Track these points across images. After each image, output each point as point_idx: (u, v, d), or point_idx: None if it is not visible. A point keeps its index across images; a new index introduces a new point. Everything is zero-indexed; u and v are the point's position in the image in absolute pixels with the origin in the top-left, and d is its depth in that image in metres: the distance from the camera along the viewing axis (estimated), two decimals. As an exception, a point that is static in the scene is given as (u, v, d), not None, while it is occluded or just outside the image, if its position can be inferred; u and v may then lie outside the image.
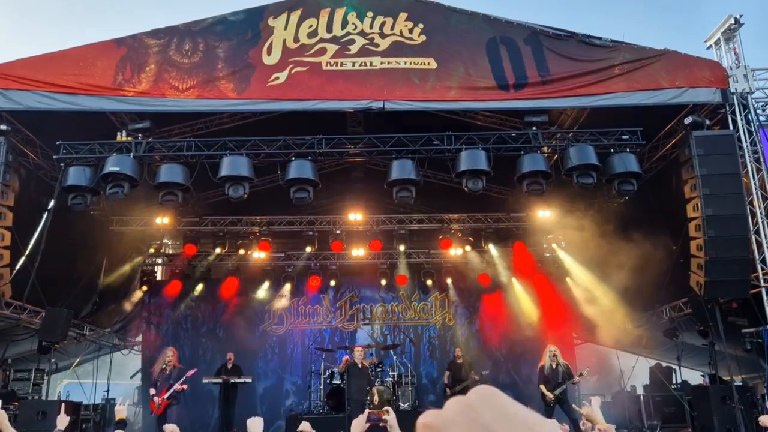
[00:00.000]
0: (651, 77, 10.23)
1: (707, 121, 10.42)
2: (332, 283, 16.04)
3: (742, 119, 10.33)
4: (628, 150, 10.21)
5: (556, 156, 10.80)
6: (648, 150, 11.59)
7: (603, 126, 10.44)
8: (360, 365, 11.27)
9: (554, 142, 10.62)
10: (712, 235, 9.83)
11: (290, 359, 15.83)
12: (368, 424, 4.08)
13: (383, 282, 16.03)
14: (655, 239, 11.52)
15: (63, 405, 10.83)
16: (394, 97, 10.06)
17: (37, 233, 11.86)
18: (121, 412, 5.14)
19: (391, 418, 3.92)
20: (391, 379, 13.50)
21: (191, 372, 10.85)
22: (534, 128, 10.35)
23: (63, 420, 5.16)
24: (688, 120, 10.28)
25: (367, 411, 4.19)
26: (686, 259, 11.06)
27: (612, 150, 10.22)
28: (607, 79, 10.21)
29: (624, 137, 10.27)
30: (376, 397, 10.98)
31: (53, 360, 12.11)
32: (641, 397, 14.81)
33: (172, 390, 10.33)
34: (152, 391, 10.67)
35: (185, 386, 10.60)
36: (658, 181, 12.16)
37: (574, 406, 9.87)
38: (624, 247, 12.01)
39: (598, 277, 13.92)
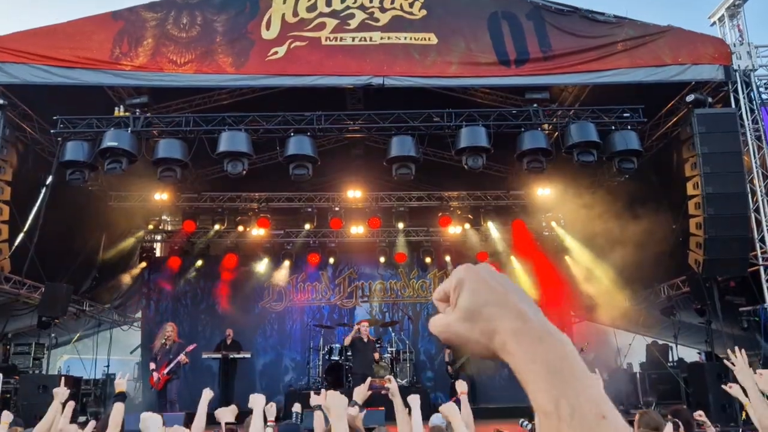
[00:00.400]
0: (654, 54, 10.14)
1: (709, 99, 10.35)
2: (331, 260, 16.07)
3: (744, 97, 10.26)
4: (629, 128, 10.15)
5: (556, 133, 10.74)
6: (649, 128, 11.53)
7: (604, 103, 10.36)
8: (366, 339, 11.40)
9: (555, 120, 10.55)
10: (712, 213, 9.82)
11: (289, 335, 15.91)
12: (370, 392, 4.12)
13: (382, 259, 16.05)
14: (654, 218, 11.51)
15: (63, 379, 10.93)
16: (394, 72, 9.97)
17: (35, 208, 11.83)
18: (120, 385, 5.15)
19: (393, 386, 3.95)
20: (389, 355, 13.61)
21: (191, 347, 10.90)
22: (535, 105, 10.27)
23: (63, 393, 5.17)
24: (690, 98, 10.21)
25: (369, 379, 4.24)
26: (686, 238, 11.07)
27: (613, 127, 10.16)
28: (609, 55, 10.11)
29: (625, 115, 10.21)
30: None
31: (53, 335, 12.17)
32: (638, 374, 14.93)
33: (174, 363, 10.38)
34: (152, 365, 10.73)
35: (186, 360, 10.66)
36: (658, 160, 12.11)
37: None
38: (623, 225, 12.01)
39: (597, 255, 13.94)
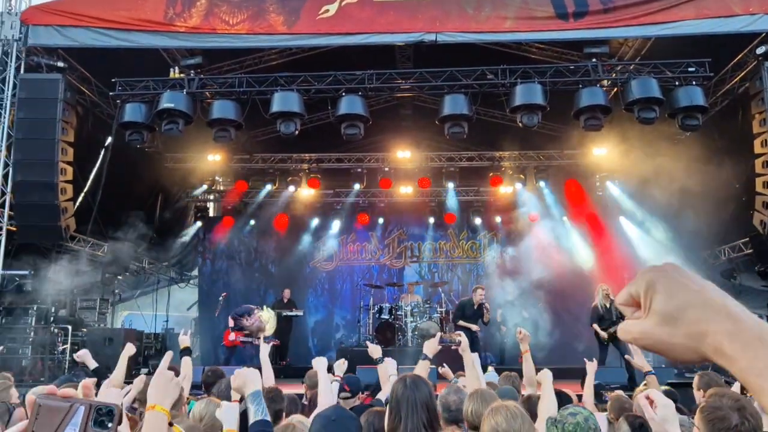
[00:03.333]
0: (722, 3, 9.59)
1: (781, 51, 9.78)
2: (380, 220, 16.14)
3: (820, 48, 9.66)
4: (693, 83, 9.70)
5: (615, 89, 10.37)
6: (714, 83, 11.01)
7: (666, 58, 9.92)
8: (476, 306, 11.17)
9: (614, 75, 10.17)
10: (781, 172, 9.39)
11: (339, 294, 16.17)
12: (440, 346, 4.17)
13: (431, 220, 16.02)
14: (716, 177, 11.07)
15: (125, 333, 11.44)
16: (447, 29, 9.74)
17: (95, 169, 12.22)
18: (185, 341, 5.39)
19: (463, 341, 3.99)
20: (438, 315, 13.69)
21: (272, 342, 11.10)
22: (593, 60, 9.92)
23: (129, 348, 5.46)
24: (761, 49, 9.69)
25: (439, 334, 4.28)
26: (749, 198, 10.63)
27: (676, 83, 9.73)
28: (674, 6, 9.62)
29: (690, 69, 9.76)
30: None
31: (116, 290, 12.68)
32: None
33: (247, 339, 10.63)
34: (231, 322, 10.96)
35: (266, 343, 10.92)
36: (722, 117, 11.58)
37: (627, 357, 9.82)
38: (682, 185, 11.60)
39: (654, 216, 13.57)
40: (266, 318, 11.16)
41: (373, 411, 3.23)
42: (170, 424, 2.09)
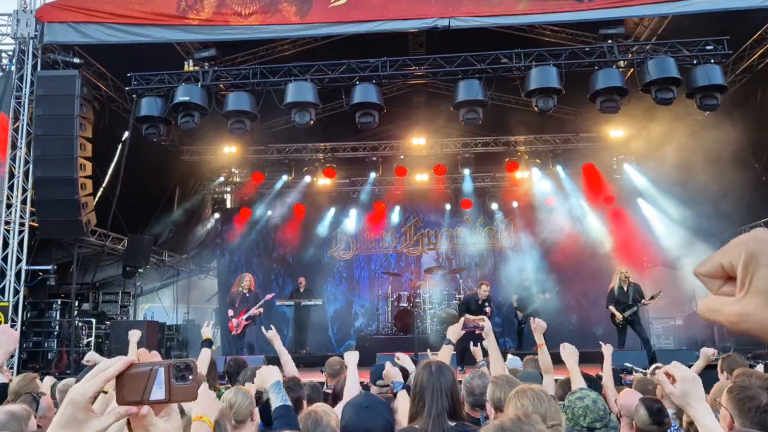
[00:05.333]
0: (740, -21, 9.40)
1: (803, 26, 9.58)
2: (397, 208, 16.15)
3: (843, 22, 9.45)
4: (712, 61, 9.54)
5: (631, 71, 10.23)
6: (732, 61, 10.82)
7: (683, 37, 9.75)
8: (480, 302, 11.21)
9: (631, 56, 10.03)
10: (803, 150, 9.23)
11: (358, 283, 16.24)
12: (464, 331, 4.19)
13: (448, 206, 16.01)
14: (735, 157, 10.93)
15: (147, 325, 11.61)
16: (460, 13, 9.65)
17: (113, 163, 12.36)
18: (206, 333, 5.51)
19: (486, 325, 4.00)
20: (456, 302, 13.70)
21: (269, 296, 11.30)
22: (609, 41, 9.79)
23: (135, 335, 5.64)
24: (780, 25, 9.48)
25: (462, 318, 4.30)
26: (769, 177, 10.49)
27: (694, 62, 9.57)
28: (690, -17, 9.44)
29: (708, 48, 9.58)
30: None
31: (138, 283, 12.85)
32: (714, 319, 14.51)
33: (249, 312, 10.81)
34: (230, 312, 11.20)
35: (261, 310, 11.07)
36: (741, 95, 11.40)
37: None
38: (701, 165, 11.46)
39: (672, 198, 13.43)
40: (243, 277, 11.39)
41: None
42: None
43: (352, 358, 4.16)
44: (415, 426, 2.73)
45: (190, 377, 1.14)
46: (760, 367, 4.97)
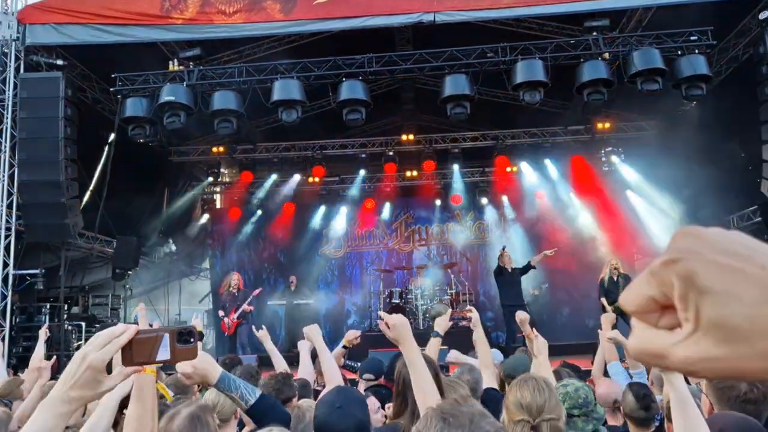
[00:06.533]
0: (723, -31, 9.44)
1: (786, 15, 9.62)
2: (387, 205, 16.13)
3: (825, 10, 9.49)
4: (696, 52, 9.58)
5: (617, 62, 10.25)
6: (717, 52, 10.87)
7: (667, 28, 9.79)
8: (510, 269, 11.46)
9: (616, 48, 10.04)
10: (788, 138, 9.28)
11: (350, 280, 16.21)
12: (451, 323, 4.18)
13: (438, 202, 16.00)
14: (722, 147, 10.97)
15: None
16: (445, 7, 9.65)
17: (100, 166, 12.27)
18: (197, 325, 5.44)
19: (474, 316, 3.99)
20: (449, 297, 13.72)
21: (257, 291, 11.27)
22: (594, 33, 9.80)
23: (143, 309, 5.61)
24: (763, 15, 9.53)
25: (449, 311, 4.28)
26: (755, 166, 10.53)
27: (679, 52, 9.61)
28: (674, -26, 9.48)
29: (692, 38, 9.62)
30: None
31: (128, 286, 12.77)
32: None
33: (240, 310, 10.77)
34: (221, 313, 11.16)
35: (252, 307, 11.04)
36: (726, 85, 11.45)
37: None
38: (688, 156, 11.51)
39: (660, 189, 13.48)
40: (231, 277, 11.36)
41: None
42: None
43: (304, 346, 4.12)
44: (400, 422, 2.71)
45: (192, 340, 1.36)
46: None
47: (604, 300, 10.79)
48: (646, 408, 3.20)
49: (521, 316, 4.26)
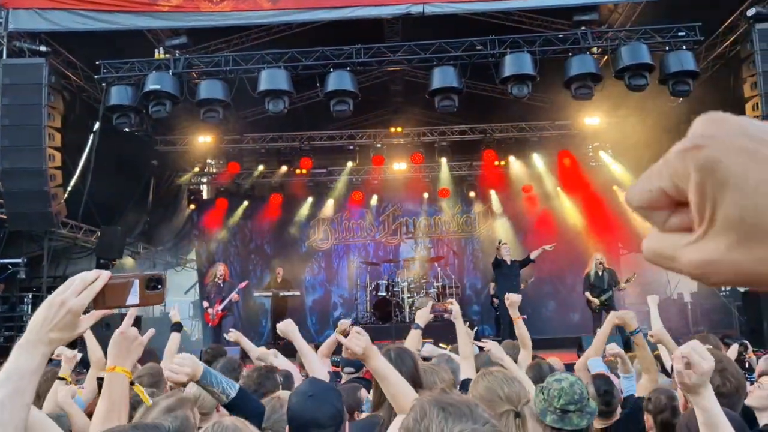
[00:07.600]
0: (713, -36, 9.47)
1: (773, 13, 9.66)
2: (374, 197, 16.09)
3: (812, 9, 9.54)
4: (684, 48, 9.61)
5: (605, 57, 10.27)
6: (705, 48, 10.91)
7: (656, 23, 9.82)
8: (509, 261, 11.47)
9: (605, 42, 10.07)
10: (773, 135, 9.33)
11: (336, 273, 16.18)
12: (432, 315, 4.17)
13: (426, 195, 16.00)
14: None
15: (121, 318, 11.45)
16: (434, -1, 9.60)
17: (85, 154, 12.12)
18: (175, 317, 5.47)
19: (455, 309, 3.98)
20: (435, 290, 13.73)
21: (243, 284, 11.21)
22: (583, 28, 9.81)
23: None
24: (751, 12, 9.55)
25: (430, 303, 4.27)
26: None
27: (666, 48, 9.64)
28: (663, -31, 9.49)
29: (680, 34, 9.65)
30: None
31: (112, 277, 12.64)
32: (688, 304, 14.75)
33: (226, 301, 10.72)
34: (205, 304, 11.10)
35: (238, 297, 10.99)
36: (714, 82, 11.51)
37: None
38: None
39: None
40: (217, 268, 11.35)
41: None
42: (131, 384, 2.07)
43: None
44: (379, 414, 2.70)
45: (159, 287, 1.45)
46: (733, 349, 5.02)
47: (588, 294, 10.87)
48: (607, 403, 3.54)
49: (513, 297, 4.27)
